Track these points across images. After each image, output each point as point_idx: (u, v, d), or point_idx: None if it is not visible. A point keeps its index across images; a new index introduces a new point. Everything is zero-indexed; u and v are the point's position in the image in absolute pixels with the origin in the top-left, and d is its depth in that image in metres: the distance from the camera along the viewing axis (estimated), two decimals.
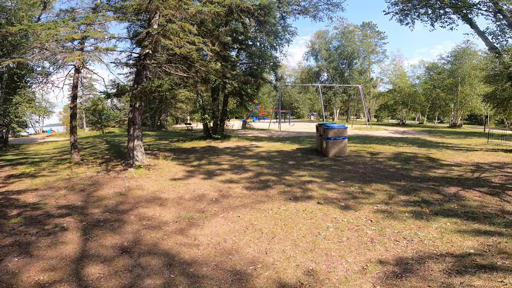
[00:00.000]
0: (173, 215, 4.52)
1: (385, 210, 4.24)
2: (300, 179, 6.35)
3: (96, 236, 3.79)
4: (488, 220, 3.63)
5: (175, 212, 4.65)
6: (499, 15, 10.35)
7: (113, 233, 3.89)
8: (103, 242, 3.62)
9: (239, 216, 4.36)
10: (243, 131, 20.00)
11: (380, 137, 15.41)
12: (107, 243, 3.58)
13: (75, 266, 3.06)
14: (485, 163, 7.56)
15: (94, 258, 3.21)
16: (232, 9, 8.70)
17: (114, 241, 3.63)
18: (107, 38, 8.07)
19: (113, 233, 3.89)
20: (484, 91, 24.00)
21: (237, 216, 4.38)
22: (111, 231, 3.93)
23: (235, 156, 9.56)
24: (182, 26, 6.62)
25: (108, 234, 3.84)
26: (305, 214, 4.33)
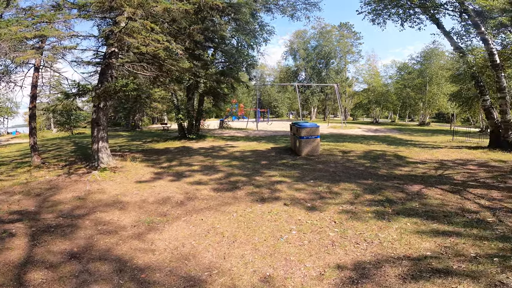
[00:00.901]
0: (132, 219, 4.33)
1: (349, 211, 4.23)
2: (270, 179, 6.26)
3: (44, 241, 3.62)
4: (448, 220, 3.69)
5: (135, 216, 4.46)
6: (465, 15, 10.78)
7: (63, 238, 3.72)
8: (51, 247, 3.46)
9: (202, 219, 4.23)
10: (220, 131, 19.73)
11: (353, 135, 15.74)
12: (55, 249, 3.43)
13: (17, 272, 2.95)
14: (448, 160, 7.86)
15: (39, 264, 3.10)
16: (201, 6, 8.45)
17: (63, 247, 3.48)
18: (67, 36, 7.60)
19: (63, 238, 3.72)
20: (450, 90, 25.27)
21: (200, 219, 4.25)
22: (62, 237, 3.76)
23: (208, 157, 9.34)
24: (144, 24, 6.31)
25: (58, 240, 3.66)
26: (270, 216, 4.23)
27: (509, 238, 3.06)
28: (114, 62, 7.78)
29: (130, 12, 6.28)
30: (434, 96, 28.47)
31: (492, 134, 10.67)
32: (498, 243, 2.96)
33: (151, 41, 6.73)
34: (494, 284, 2.37)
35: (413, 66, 31.06)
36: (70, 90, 8.05)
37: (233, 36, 17.67)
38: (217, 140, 13.82)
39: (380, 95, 32.92)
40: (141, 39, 6.69)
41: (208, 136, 15.33)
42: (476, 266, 2.62)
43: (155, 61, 8.48)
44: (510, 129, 9.93)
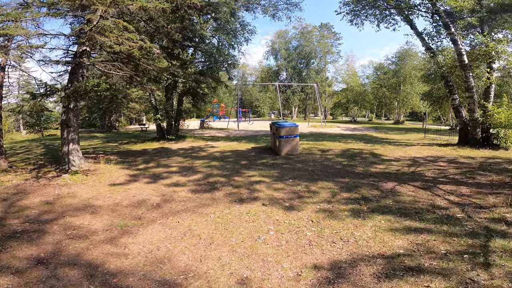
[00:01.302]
0: (104, 223, 4.18)
1: (327, 209, 4.28)
2: (249, 179, 6.23)
3: (10, 247, 3.46)
4: (419, 216, 3.81)
5: (108, 220, 4.30)
6: (436, 16, 11.26)
7: (30, 244, 3.56)
8: (17, 253, 3.32)
9: (179, 222, 4.14)
10: (201, 131, 19.46)
11: (332, 134, 16.05)
12: (21, 255, 3.30)
13: None
14: (420, 157, 8.19)
15: (4, 270, 3.01)
16: (179, 5, 8.26)
17: (29, 252, 3.34)
18: (34, 35, 7.19)
19: (30, 244, 3.56)
20: (422, 90, 26.40)
21: (176, 221, 4.16)
22: (28, 242, 3.60)
23: (187, 158, 9.17)
24: (117, 23, 6.08)
25: (24, 245, 3.51)
26: (248, 217, 4.20)
27: (478, 235, 3.20)
28: (85, 61, 7.44)
29: (102, 10, 6.02)
30: (407, 95, 29.66)
31: (461, 131, 11.23)
32: (468, 239, 3.09)
33: (125, 40, 6.50)
34: (465, 281, 2.45)
35: (389, 66, 32.21)
36: (38, 90, 7.61)
37: (214, 35, 17.50)
38: (197, 141, 13.62)
39: (358, 94, 33.85)
40: (113, 38, 6.44)
41: (188, 136, 15.07)
42: (447, 264, 2.71)
43: (131, 61, 8.21)
44: (477, 127, 10.50)
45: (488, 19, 9.14)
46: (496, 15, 6.33)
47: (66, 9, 6.98)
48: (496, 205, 4.10)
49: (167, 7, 7.94)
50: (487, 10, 6.74)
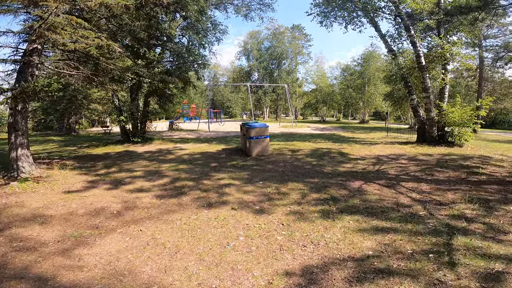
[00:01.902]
0: (56, 234, 3.81)
1: (297, 211, 4.24)
2: (218, 182, 6.05)
3: None
4: (385, 215, 3.90)
5: (60, 230, 3.92)
6: (398, 19, 11.88)
7: None
8: None
9: (141, 230, 3.87)
10: (170, 133, 18.80)
11: (302, 134, 16.32)
12: None
13: None
14: (384, 156, 8.55)
15: None
16: (143, 2, 7.84)
17: None
18: None
19: None
20: (384, 90, 27.87)
21: (138, 230, 3.88)
22: None
23: (153, 161, 8.73)
24: (69, 19, 5.58)
25: None
26: (216, 223, 4.03)
27: (440, 232, 3.32)
28: (34, 59, 6.77)
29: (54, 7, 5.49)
30: (371, 96, 31.19)
31: (419, 130, 11.96)
32: (431, 237, 3.19)
33: (79, 37, 5.99)
34: (432, 282, 2.49)
35: (355, 68, 33.63)
36: None
37: (184, 34, 16.98)
38: (165, 143, 13.10)
39: (326, 95, 34.93)
40: (66, 35, 5.90)
41: (156, 138, 14.46)
42: (414, 264, 2.76)
43: (89, 60, 7.63)
44: (434, 125, 11.24)
45: (445, 21, 9.81)
46: (453, 17, 6.79)
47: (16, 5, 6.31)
48: (455, 202, 4.34)
49: (131, 4, 7.50)
50: (445, 12, 7.21)
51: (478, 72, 19.67)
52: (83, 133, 23.73)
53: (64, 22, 5.60)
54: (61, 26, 5.56)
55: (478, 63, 19.37)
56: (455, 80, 23.32)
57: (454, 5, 6.71)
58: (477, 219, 3.67)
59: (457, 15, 6.49)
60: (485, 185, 5.29)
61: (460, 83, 28.36)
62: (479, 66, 19.38)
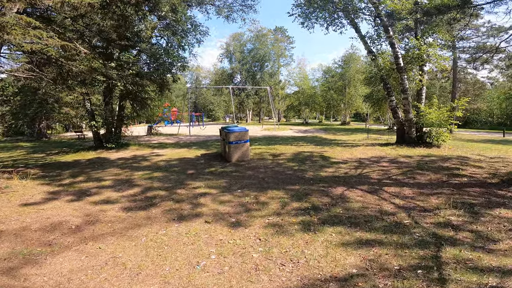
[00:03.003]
0: (4, 251, 3.40)
1: (276, 223, 3.92)
2: (194, 191, 5.64)
3: None
4: (369, 225, 3.65)
5: (8, 247, 3.50)
6: (378, 20, 11.93)
7: None
8: None
9: (100, 248, 3.46)
10: (148, 138, 18.06)
11: (285, 137, 16.13)
12: None
13: None
14: (365, 158, 8.44)
15: None
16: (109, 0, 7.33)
17: None
18: None
19: None
20: (364, 92, 28.34)
21: (97, 247, 3.48)
22: None
23: (126, 169, 8.16)
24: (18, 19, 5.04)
25: None
26: (186, 238, 3.65)
27: (427, 244, 3.09)
28: None
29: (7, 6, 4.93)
30: (352, 97, 31.66)
31: (398, 131, 12.05)
32: (418, 250, 2.95)
33: (33, 37, 5.42)
34: None
35: (336, 69, 34.04)
36: None
37: (162, 35, 16.39)
38: (142, 148, 12.48)
39: (308, 97, 35.13)
40: (18, 36, 5.32)
41: (132, 144, 13.77)
42: (402, 283, 2.49)
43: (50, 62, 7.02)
44: (412, 127, 11.33)
45: (423, 22, 9.90)
46: (432, 17, 6.80)
47: None
48: (439, 207, 4.17)
49: (95, 2, 6.96)
50: (424, 12, 7.23)
51: (452, 73, 20.33)
52: (56, 138, 22.44)
53: (13, 22, 5.03)
54: (9, 26, 4.98)
55: (452, 64, 20.02)
56: (430, 82, 24.03)
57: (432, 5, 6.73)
58: (464, 226, 3.49)
59: (436, 14, 6.50)
60: (467, 188, 5.21)
61: (434, 85, 29.35)
62: (453, 68, 20.03)
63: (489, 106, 32.48)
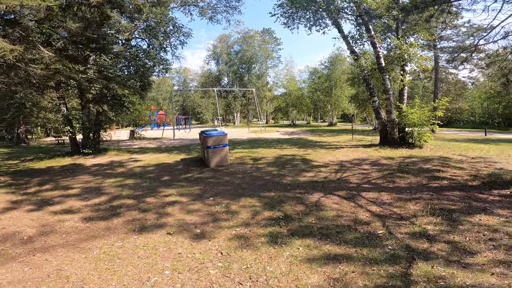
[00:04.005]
0: None
1: (242, 235, 3.62)
2: (163, 200, 5.30)
3: None
4: (340, 237, 3.38)
5: None
6: (360, 19, 11.83)
7: None
8: None
9: (47, 260, 3.23)
10: (130, 142, 17.52)
11: (270, 139, 15.88)
12: None
13: None
14: (347, 161, 8.25)
15: None
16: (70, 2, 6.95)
17: None
18: None
19: None
20: (350, 93, 28.46)
21: (44, 259, 3.24)
22: None
23: (98, 176, 7.74)
24: None
25: None
26: (143, 251, 3.35)
27: (399, 258, 2.82)
28: None
29: None
30: (338, 98, 31.74)
31: (381, 132, 11.96)
32: (388, 267, 2.67)
33: None
34: None
35: (322, 71, 34.08)
36: None
37: (143, 37, 15.95)
38: (121, 154, 12.01)
39: (296, 98, 35.08)
40: None
41: (111, 149, 13.26)
42: None
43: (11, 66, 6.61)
44: (395, 127, 11.25)
45: (403, 20, 9.84)
46: (410, 13, 6.70)
47: None
48: (416, 215, 3.95)
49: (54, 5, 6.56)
50: (401, 8, 7.15)
51: (434, 73, 20.58)
52: (35, 143, 21.61)
53: None
54: None
55: (434, 64, 20.25)
56: (413, 82, 24.27)
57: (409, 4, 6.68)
58: (440, 236, 3.26)
59: (412, 11, 6.41)
60: (447, 192, 5.04)
61: (417, 85, 29.77)
62: (434, 68, 20.26)
63: (471, 106, 33.17)
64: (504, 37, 6.38)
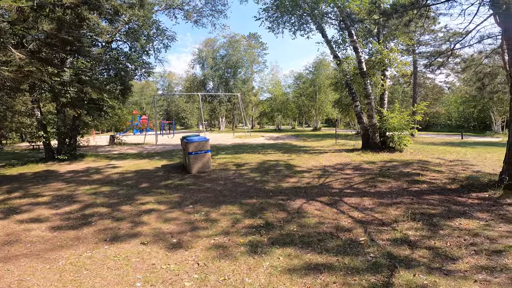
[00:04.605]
0: None
1: (221, 245, 3.46)
2: (140, 208, 5.05)
3: None
4: (322, 245, 3.28)
5: None
6: (342, 24, 12.01)
7: None
8: None
9: (9, 270, 3.03)
10: (110, 148, 16.91)
11: (254, 144, 15.78)
12: None
13: None
14: (330, 166, 8.26)
15: None
16: (41, 3, 6.63)
17: None
18: None
19: None
20: (334, 98, 28.93)
21: (6, 269, 3.04)
22: None
23: (72, 183, 7.35)
24: None
25: None
26: (113, 262, 3.15)
27: (381, 267, 2.75)
28: None
29: None
30: (322, 103, 32.18)
31: (363, 136, 12.13)
32: (370, 276, 2.59)
33: None
34: None
35: (307, 76, 34.49)
36: None
37: (125, 40, 15.55)
38: (99, 160, 11.54)
39: (281, 103, 35.27)
40: None
41: (89, 155, 12.74)
42: None
43: None
44: (376, 132, 11.44)
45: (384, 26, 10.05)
46: (389, 17, 6.85)
47: None
48: (397, 220, 3.93)
49: (24, 6, 6.22)
50: (381, 12, 7.29)
51: (413, 78, 21.21)
52: (9, 149, 20.49)
53: None
54: None
55: (413, 69, 20.88)
56: (393, 87, 24.93)
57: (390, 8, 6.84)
58: (421, 242, 3.23)
59: (392, 14, 6.55)
60: (427, 196, 5.09)
61: (397, 90, 30.67)
62: (413, 73, 20.89)
63: (447, 110, 34.48)
64: (479, 41, 6.61)
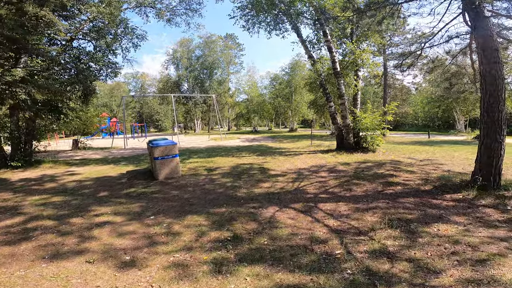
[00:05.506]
0: None
1: (181, 263, 3.01)
2: (93, 220, 4.45)
3: None
4: (294, 261, 2.93)
5: None
6: (317, 23, 11.91)
7: None
8: None
9: None
10: (72, 153, 15.66)
11: (229, 147, 15.33)
12: None
13: None
14: (305, 169, 8.03)
15: None
16: None
17: None
18: None
19: None
20: (309, 99, 29.20)
21: None
22: None
23: (20, 193, 6.50)
24: None
25: None
26: (49, 283, 2.67)
27: (358, 285, 2.45)
28: None
29: None
30: (298, 104, 32.39)
31: (337, 137, 12.12)
32: None
33: None
34: None
35: (283, 77, 34.56)
36: None
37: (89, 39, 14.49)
38: (57, 166, 10.54)
39: (257, 105, 35.06)
40: None
41: (46, 161, 11.61)
42: None
43: None
44: (350, 132, 11.45)
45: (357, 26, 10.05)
46: (363, 14, 6.79)
47: None
48: (374, 228, 3.69)
49: None
50: (355, 9, 7.24)
51: (383, 79, 21.88)
52: None
53: None
54: None
55: (383, 70, 21.52)
56: (364, 88, 25.57)
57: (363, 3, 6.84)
58: (401, 253, 2.98)
59: (366, 12, 6.49)
60: (402, 199, 4.95)
61: (368, 91, 31.63)
62: (384, 74, 21.55)
63: (414, 110, 36.13)
64: (448, 41, 6.72)
